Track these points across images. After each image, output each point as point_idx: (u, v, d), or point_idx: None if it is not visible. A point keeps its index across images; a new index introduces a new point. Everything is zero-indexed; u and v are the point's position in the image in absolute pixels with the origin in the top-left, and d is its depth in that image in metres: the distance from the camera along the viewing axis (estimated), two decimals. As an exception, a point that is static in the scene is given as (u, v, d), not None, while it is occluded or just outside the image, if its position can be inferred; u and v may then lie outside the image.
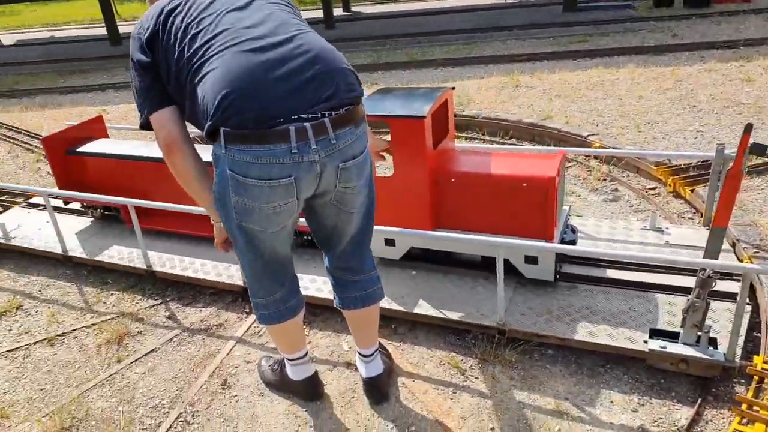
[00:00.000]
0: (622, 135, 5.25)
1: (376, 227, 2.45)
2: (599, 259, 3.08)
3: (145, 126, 2.00)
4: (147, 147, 4.02)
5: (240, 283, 3.25)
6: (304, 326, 2.92)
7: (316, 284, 3.15)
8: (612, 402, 2.40)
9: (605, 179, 4.44)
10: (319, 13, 13.24)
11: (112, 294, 3.55)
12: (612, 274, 2.99)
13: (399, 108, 2.81)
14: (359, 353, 2.54)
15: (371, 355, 2.51)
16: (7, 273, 3.93)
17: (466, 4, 13.44)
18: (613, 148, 4.70)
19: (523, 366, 2.63)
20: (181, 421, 2.54)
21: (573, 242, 3.04)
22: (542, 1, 13.02)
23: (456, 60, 8.24)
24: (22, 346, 3.17)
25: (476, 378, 2.60)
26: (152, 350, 3.01)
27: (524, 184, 2.77)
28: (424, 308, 2.86)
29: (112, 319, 3.30)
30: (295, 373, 2.53)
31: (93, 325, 3.27)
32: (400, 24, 12.12)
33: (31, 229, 4.23)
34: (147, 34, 1.92)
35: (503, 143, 5.23)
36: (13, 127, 7.42)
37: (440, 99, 2.94)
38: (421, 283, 3.06)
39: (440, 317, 2.79)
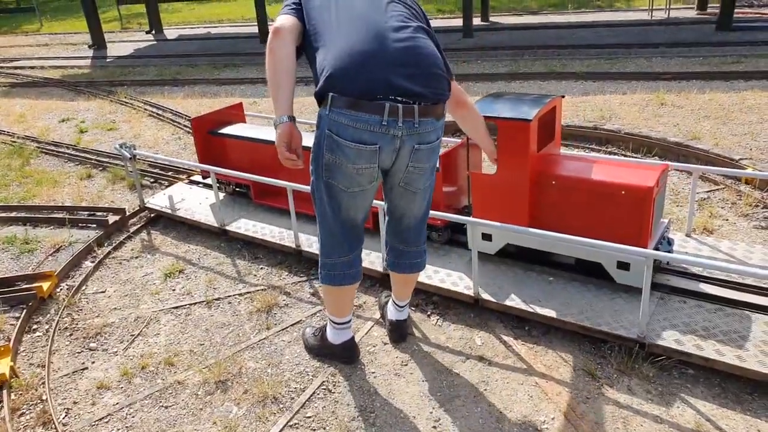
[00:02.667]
0: (781, 162, 4.89)
1: (477, 220, 3.05)
2: (741, 284, 2.94)
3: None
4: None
5: (380, 269, 3.44)
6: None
7: (451, 278, 3.26)
8: (759, 431, 2.29)
9: (757, 205, 4.18)
10: (458, 22, 13.40)
11: (261, 268, 3.89)
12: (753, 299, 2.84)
13: (507, 111, 2.98)
14: (395, 302, 2.96)
15: (404, 306, 2.96)
16: (171, 240, 4.41)
17: (608, 19, 13.02)
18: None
19: (662, 382, 2.58)
20: (324, 388, 2.75)
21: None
22: (692, 19, 12.33)
23: (597, 74, 8.04)
24: (185, 305, 3.56)
25: (611, 387, 2.58)
26: (297, 321, 3.27)
27: (622, 192, 2.87)
28: (561, 313, 2.88)
29: (262, 290, 3.61)
30: (335, 336, 2.84)
31: (245, 293, 3.61)
32: (539, 35, 11.98)
33: (193, 202, 4.71)
34: None
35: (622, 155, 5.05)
36: (177, 112, 8.23)
37: (548, 105, 3.08)
38: (558, 288, 3.08)
39: (578, 324, 2.80)
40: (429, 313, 3.23)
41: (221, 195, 4.72)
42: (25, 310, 3.52)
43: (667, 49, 9.82)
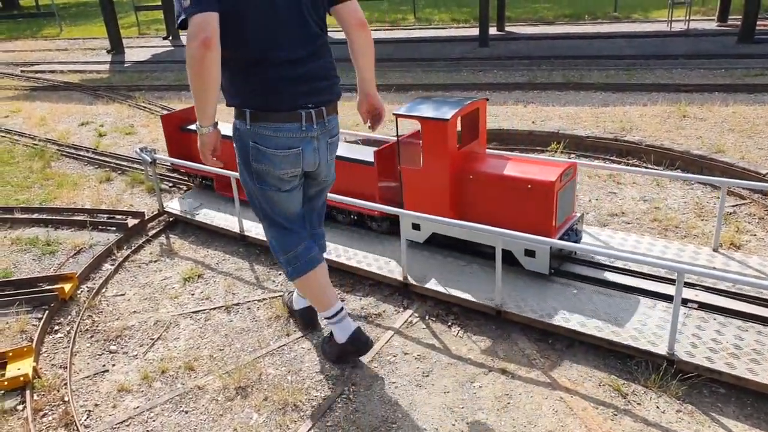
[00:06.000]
0: (807, 177, 4.81)
1: (404, 211, 3.40)
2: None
3: (184, 24, 2.17)
4: None
5: (399, 277, 3.41)
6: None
7: (473, 291, 3.23)
8: (793, 454, 2.24)
9: (785, 221, 4.11)
10: (473, 31, 13.40)
11: (280, 274, 3.87)
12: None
13: (429, 111, 3.33)
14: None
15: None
16: (189, 244, 4.41)
17: (626, 31, 12.93)
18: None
19: (691, 401, 2.53)
20: (345, 397, 2.72)
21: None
22: (712, 31, 12.23)
23: (616, 85, 7.97)
24: (204, 310, 3.55)
25: (638, 404, 2.53)
26: (317, 329, 3.25)
27: (529, 186, 3.20)
28: (587, 327, 2.83)
29: (281, 296, 3.60)
30: (340, 333, 2.83)
31: (264, 299, 3.59)
32: (555, 46, 11.92)
33: (211, 207, 4.71)
34: None
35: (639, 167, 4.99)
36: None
37: (469, 107, 3.45)
38: (584, 300, 3.04)
39: (605, 338, 2.75)
40: (450, 323, 3.20)
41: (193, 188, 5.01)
42: (47, 312, 3.53)
43: (687, 60, 9.73)
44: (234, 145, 2.56)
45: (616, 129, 6.09)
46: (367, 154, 3.92)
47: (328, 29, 2.54)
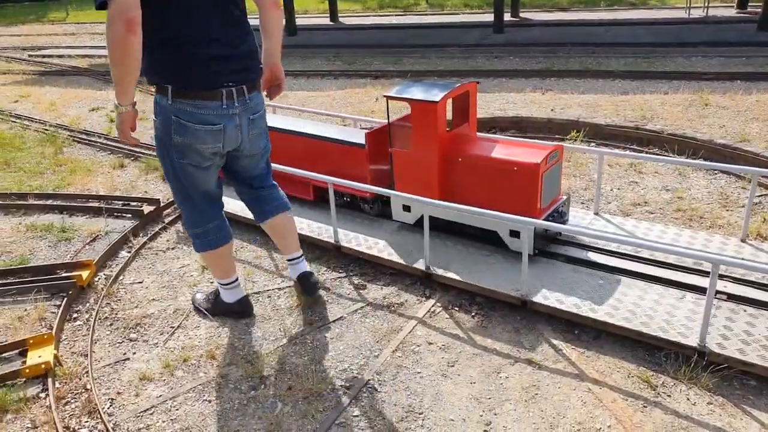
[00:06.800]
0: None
1: (394, 192, 3.54)
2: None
3: (103, 5, 2.20)
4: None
5: (422, 267, 3.37)
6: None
7: (497, 281, 3.18)
8: (831, 449, 2.19)
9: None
10: (487, 17, 13.24)
11: (299, 263, 3.84)
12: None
13: (419, 94, 3.37)
14: (288, 259, 3.31)
15: (297, 258, 3.29)
16: (207, 232, 4.38)
17: (643, 17, 12.74)
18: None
19: (722, 393, 2.48)
20: (370, 387, 2.69)
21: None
22: (731, 18, 12.03)
23: (635, 73, 7.85)
24: (223, 298, 3.52)
25: (668, 396, 2.49)
26: (339, 318, 3.22)
27: (515, 168, 3.26)
28: (615, 318, 2.78)
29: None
30: (229, 296, 3.20)
31: (284, 288, 3.56)
32: (572, 33, 11.77)
33: (227, 193, 4.64)
34: None
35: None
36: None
37: (458, 90, 3.49)
38: (610, 290, 2.99)
39: (633, 330, 2.70)
40: (473, 314, 3.16)
41: None
42: (65, 299, 3.52)
43: (707, 48, 9.58)
44: (155, 120, 2.66)
45: (637, 117, 6.00)
46: (358, 136, 3.96)
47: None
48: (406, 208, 3.70)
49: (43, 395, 2.80)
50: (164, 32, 2.40)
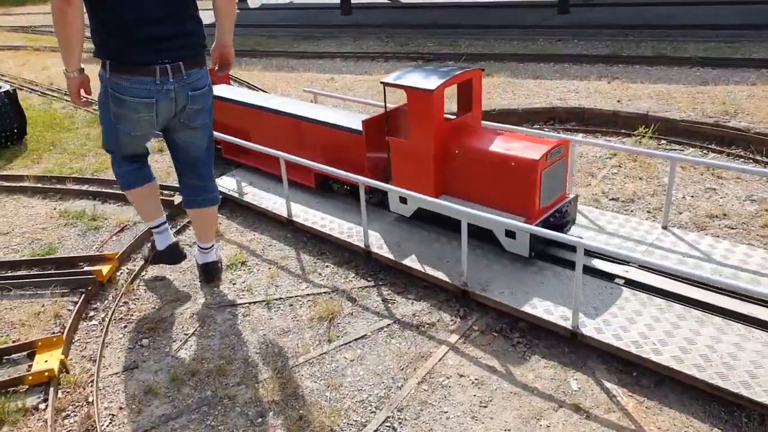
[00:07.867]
0: None
1: (389, 186, 3.36)
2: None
3: None
4: (260, 97, 4.82)
5: (458, 283, 3.00)
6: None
7: (544, 305, 2.78)
8: None
9: None
10: (552, -3, 12.46)
11: (327, 266, 3.54)
12: None
13: (415, 81, 3.19)
14: (200, 246, 3.42)
15: (208, 248, 3.41)
16: (236, 226, 4.15)
17: (725, -4, 11.66)
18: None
19: (817, 471, 2.02)
20: (388, 426, 2.37)
21: (561, 227, 3.18)
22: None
23: (717, 60, 7.07)
24: (244, 303, 3.27)
25: (747, 469, 2.05)
26: (362, 336, 2.91)
27: (512, 163, 3.02)
28: (684, 364, 2.34)
29: (326, 293, 3.27)
30: (159, 242, 3.37)
31: (308, 295, 3.28)
32: (645, 13, 10.90)
33: (260, 187, 4.41)
34: None
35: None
36: (253, 86, 8.01)
37: (459, 77, 3.25)
38: (679, 326, 2.53)
39: (707, 382, 2.25)
40: (515, 342, 2.77)
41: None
42: (83, 296, 3.35)
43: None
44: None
45: (718, 112, 5.33)
46: (355, 122, 3.74)
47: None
48: (403, 200, 3.53)
49: (43, 406, 2.63)
50: (104, 13, 2.59)
